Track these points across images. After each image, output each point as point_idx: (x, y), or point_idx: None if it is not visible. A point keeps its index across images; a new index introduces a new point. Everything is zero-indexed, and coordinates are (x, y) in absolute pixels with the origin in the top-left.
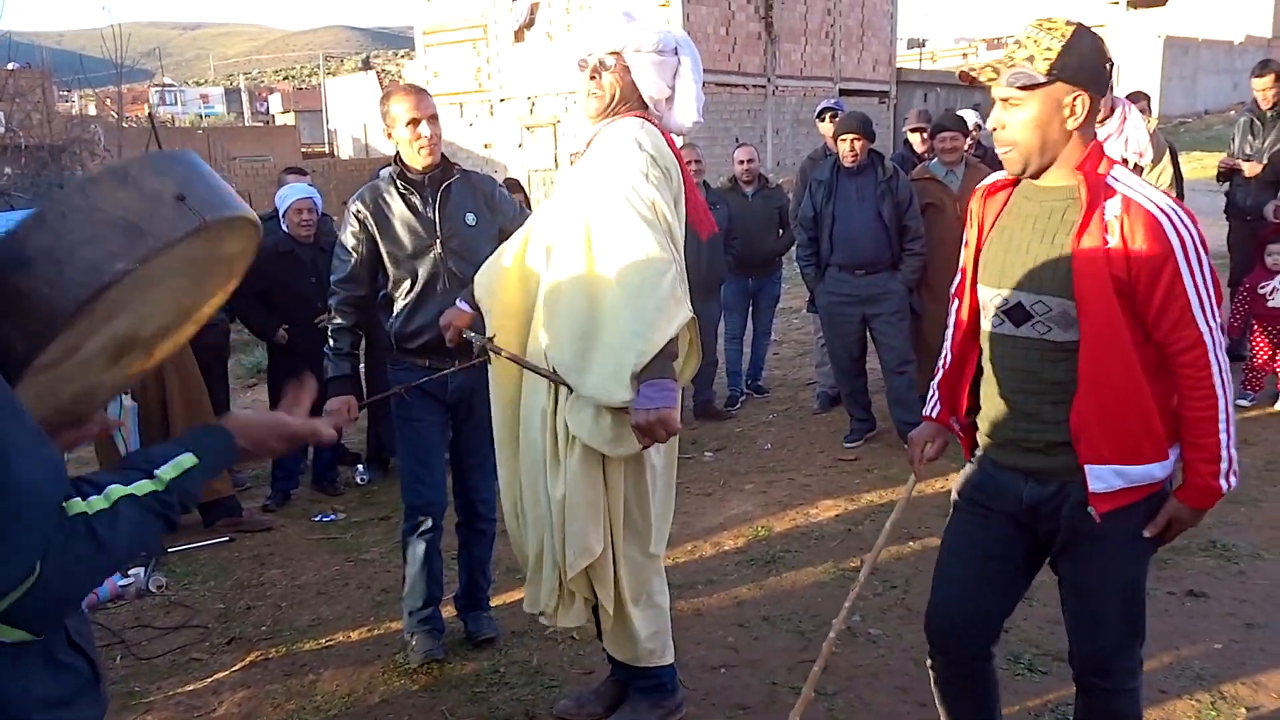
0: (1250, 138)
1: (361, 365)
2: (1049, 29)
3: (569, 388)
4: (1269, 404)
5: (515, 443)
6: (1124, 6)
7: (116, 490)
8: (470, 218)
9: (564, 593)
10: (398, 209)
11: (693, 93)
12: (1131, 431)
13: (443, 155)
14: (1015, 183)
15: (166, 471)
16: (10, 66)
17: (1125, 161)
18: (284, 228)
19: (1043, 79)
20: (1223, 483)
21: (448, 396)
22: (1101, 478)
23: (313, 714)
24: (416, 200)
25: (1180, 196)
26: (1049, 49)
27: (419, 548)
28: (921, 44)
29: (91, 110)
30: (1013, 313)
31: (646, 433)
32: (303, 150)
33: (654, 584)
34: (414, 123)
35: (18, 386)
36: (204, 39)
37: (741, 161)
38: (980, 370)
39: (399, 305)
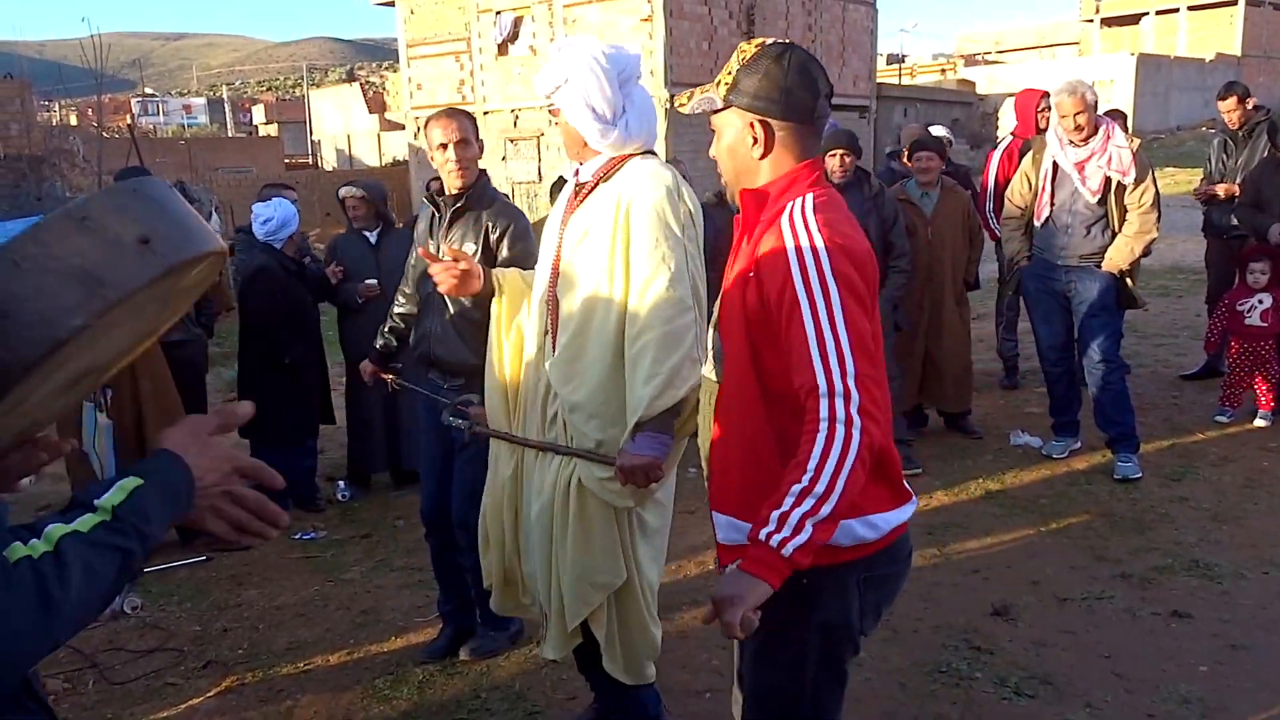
0: (1225, 157)
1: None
2: (740, 53)
3: (559, 450)
4: (1247, 420)
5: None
6: (1097, 24)
7: (56, 530)
8: (468, 247)
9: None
10: (422, 224)
11: (596, 124)
12: (749, 485)
13: (483, 183)
14: None
15: (110, 499)
16: None
17: (1108, 181)
18: (276, 245)
19: (720, 105)
20: (774, 545)
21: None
22: (721, 527)
23: None
24: (435, 220)
25: (1159, 216)
26: (729, 73)
27: (431, 550)
28: (901, 60)
29: (73, 121)
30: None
31: (628, 476)
32: (286, 161)
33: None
34: (442, 147)
35: None
36: (187, 49)
37: None
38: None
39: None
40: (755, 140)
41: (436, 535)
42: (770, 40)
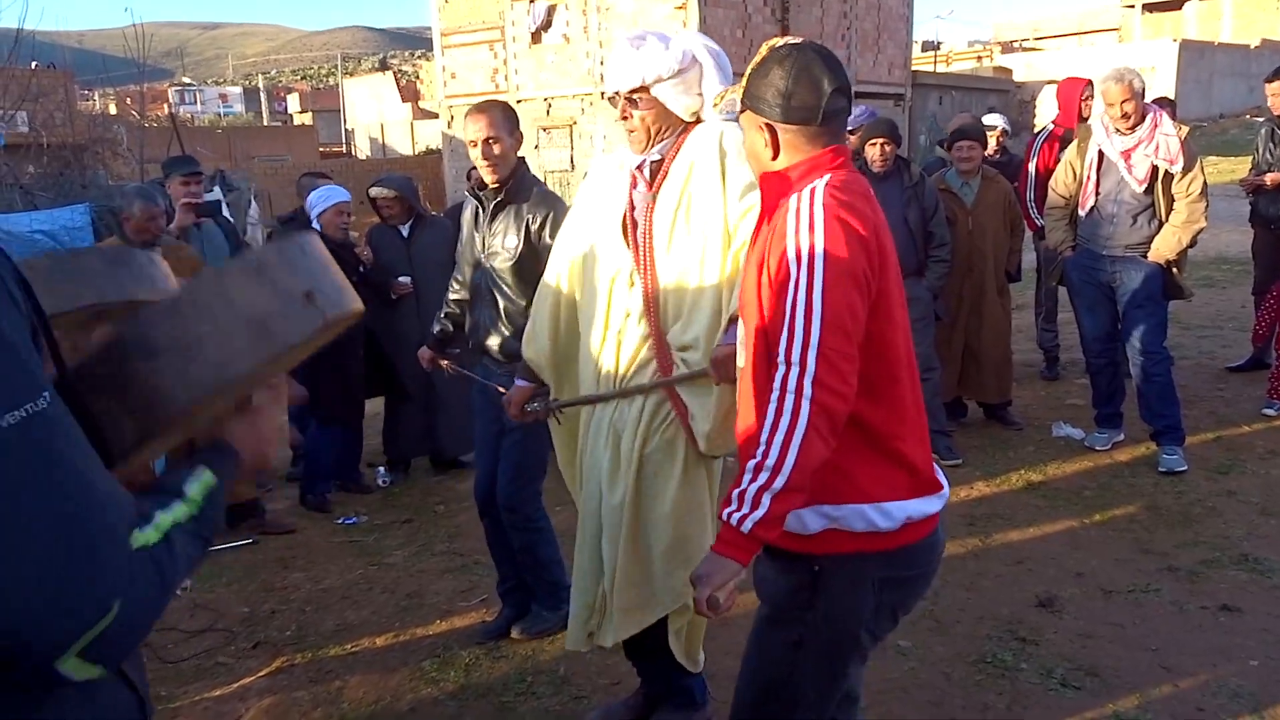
0: (1273, 145)
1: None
2: (758, 55)
3: (635, 391)
4: None
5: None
6: (1139, 10)
7: (165, 519)
8: (510, 240)
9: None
10: (467, 216)
11: (719, 89)
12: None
13: (521, 174)
14: None
15: (196, 492)
16: (32, 65)
17: (1155, 169)
18: (316, 228)
19: (740, 108)
20: (733, 523)
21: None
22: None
23: None
24: (479, 212)
25: (1207, 205)
26: (745, 77)
27: (486, 532)
28: (936, 47)
29: (112, 110)
30: None
31: (719, 367)
32: (320, 150)
33: None
34: (473, 144)
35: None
36: (222, 39)
37: None
38: None
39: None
40: (766, 143)
41: (489, 516)
42: (782, 41)
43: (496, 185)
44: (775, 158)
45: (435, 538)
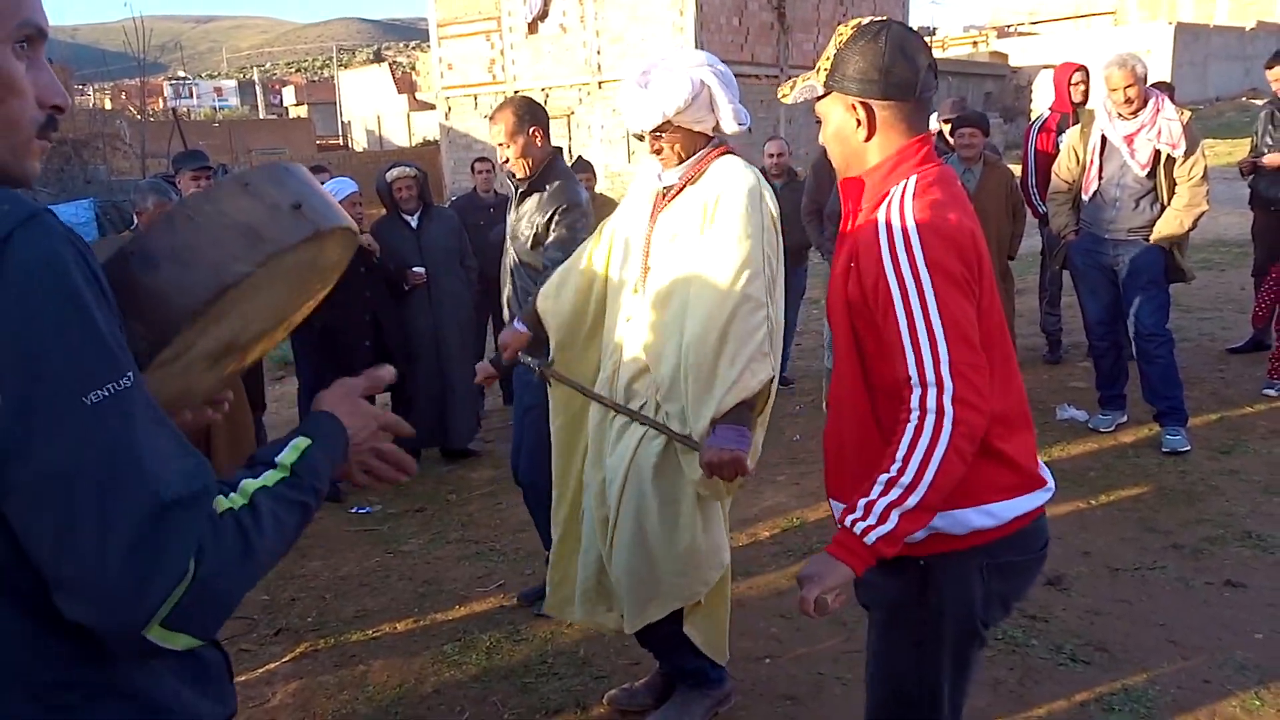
0: (1271, 128)
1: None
2: (838, 34)
3: (629, 414)
4: None
5: (575, 453)
6: None
7: (250, 484)
8: (526, 227)
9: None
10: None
11: (730, 109)
12: (861, 473)
13: (548, 165)
14: None
15: (287, 457)
16: None
17: (1158, 153)
18: None
19: (821, 91)
20: (857, 532)
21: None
22: (837, 513)
23: (366, 704)
24: (512, 202)
25: (1208, 189)
26: (827, 59)
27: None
28: (932, 33)
29: (108, 104)
30: None
31: (715, 470)
32: (318, 143)
33: None
34: (497, 147)
35: None
36: (216, 32)
37: (772, 155)
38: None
39: None
40: (860, 123)
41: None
42: (867, 20)
43: (523, 179)
44: (869, 138)
45: (449, 526)
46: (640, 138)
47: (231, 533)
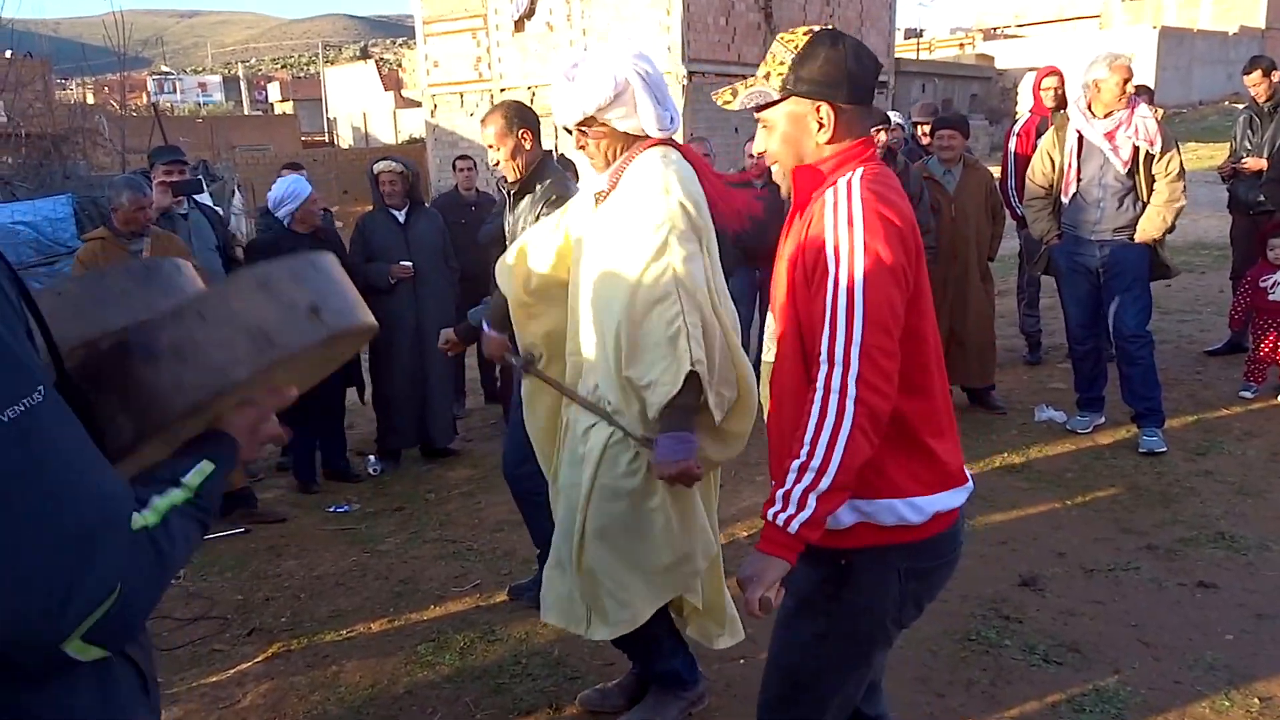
0: (1250, 133)
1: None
2: (786, 42)
3: (603, 415)
4: (1272, 396)
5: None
6: None
7: (161, 503)
8: (520, 229)
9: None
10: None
11: (653, 110)
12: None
13: (538, 167)
14: None
15: (192, 479)
16: (7, 54)
17: (1137, 150)
18: (285, 223)
19: (777, 96)
20: (779, 523)
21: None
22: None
23: (337, 705)
24: (507, 206)
25: (1185, 185)
26: (781, 64)
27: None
28: (919, 34)
29: (89, 99)
30: None
31: (670, 481)
32: (303, 140)
33: None
34: (488, 149)
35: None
36: (201, 27)
37: (752, 155)
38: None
39: None
40: (822, 125)
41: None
42: (815, 28)
43: (514, 182)
44: (832, 140)
45: (427, 525)
46: (569, 131)
47: (148, 550)
